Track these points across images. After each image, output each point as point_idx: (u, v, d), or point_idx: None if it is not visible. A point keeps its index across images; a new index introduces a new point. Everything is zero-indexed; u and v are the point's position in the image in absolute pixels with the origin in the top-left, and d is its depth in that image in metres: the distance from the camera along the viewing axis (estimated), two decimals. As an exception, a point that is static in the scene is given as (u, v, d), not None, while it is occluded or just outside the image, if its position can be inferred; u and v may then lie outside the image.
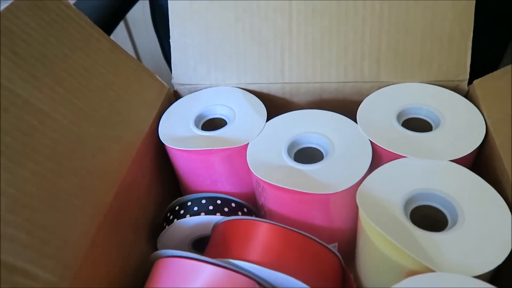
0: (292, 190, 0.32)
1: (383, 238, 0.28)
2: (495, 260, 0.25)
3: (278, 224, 0.32)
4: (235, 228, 0.34)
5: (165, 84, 0.44)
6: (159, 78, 0.43)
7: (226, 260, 0.31)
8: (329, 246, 0.33)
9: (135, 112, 0.39)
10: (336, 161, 0.34)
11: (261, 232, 0.32)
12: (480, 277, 0.25)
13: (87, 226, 0.30)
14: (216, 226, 0.36)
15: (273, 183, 0.32)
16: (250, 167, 0.34)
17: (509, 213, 0.28)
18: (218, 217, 0.37)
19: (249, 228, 0.33)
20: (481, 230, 0.27)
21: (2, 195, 0.26)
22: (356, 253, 0.34)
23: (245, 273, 0.31)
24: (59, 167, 0.30)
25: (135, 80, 0.40)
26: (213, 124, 0.41)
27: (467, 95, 0.38)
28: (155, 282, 0.30)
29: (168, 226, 0.38)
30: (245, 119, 0.39)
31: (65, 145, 0.31)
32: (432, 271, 0.25)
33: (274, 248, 0.32)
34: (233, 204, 0.39)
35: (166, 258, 0.32)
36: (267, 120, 0.39)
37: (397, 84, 0.39)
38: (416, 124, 0.36)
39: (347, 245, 0.38)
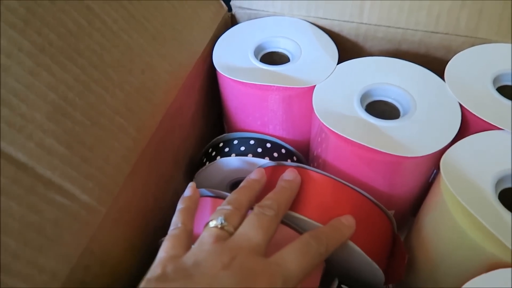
0: (363, 145, 0.28)
1: (469, 218, 0.24)
2: None
3: (333, 176, 0.29)
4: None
5: (224, 4, 0.39)
6: (218, -4, 0.38)
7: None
8: (384, 208, 0.29)
9: (189, 31, 0.34)
10: (417, 121, 0.29)
11: (314, 183, 0.29)
12: None
13: (130, 150, 0.27)
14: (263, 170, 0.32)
15: (342, 134, 0.28)
16: (316, 112, 0.30)
17: None
18: (265, 161, 0.33)
19: (301, 177, 0.29)
20: None
21: (43, 99, 0.23)
22: (420, 224, 0.30)
23: (293, 225, 0.28)
24: (105, 77, 0.26)
25: (192, -7, 0.35)
26: (273, 58, 0.36)
27: None
28: (199, 221, 0.27)
29: (209, 162, 0.35)
30: (313, 58, 0.34)
31: (113, 54, 0.27)
32: (526, 265, 0.22)
33: (325, 202, 0.28)
34: (283, 150, 0.35)
35: (211, 198, 0.29)
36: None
37: (496, 44, 0.33)
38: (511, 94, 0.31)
39: (402, 214, 0.34)
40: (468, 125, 0.29)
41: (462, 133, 0.28)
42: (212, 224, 0.23)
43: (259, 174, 0.29)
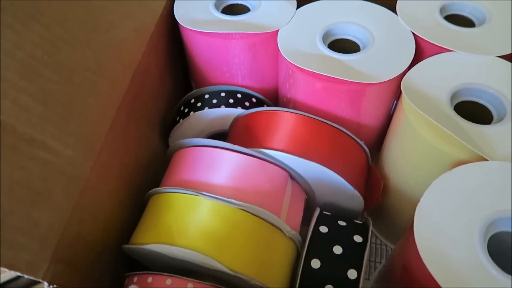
0: (331, 77, 0.29)
1: (431, 128, 0.26)
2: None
3: (311, 115, 0.30)
4: (262, 120, 0.31)
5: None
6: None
7: (257, 149, 0.29)
8: (359, 140, 0.32)
9: (147, -11, 0.34)
10: (377, 53, 0.31)
11: (291, 123, 0.30)
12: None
13: (107, 107, 0.27)
14: (238, 119, 0.34)
15: (309, 69, 0.30)
16: (282, 53, 0.31)
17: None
18: (240, 110, 0.34)
19: (277, 119, 0.31)
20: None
21: (11, 57, 0.22)
22: (387, 150, 0.33)
23: (277, 163, 0.29)
24: (70, 36, 0.26)
25: (145, -50, 0.35)
26: (233, 10, 0.37)
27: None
28: (187, 170, 0.28)
29: (182, 119, 0.36)
30: (273, 6, 0.35)
31: (75, 12, 0.27)
32: (483, 160, 0.24)
33: (306, 138, 0.30)
34: (253, 99, 0.36)
35: (194, 148, 0.30)
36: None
37: (439, -23, 0.36)
38: (457, 22, 0.34)
39: (369, 147, 0.37)
40: (422, 51, 0.32)
41: (417, 59, 0.31)
42: None
43: None
